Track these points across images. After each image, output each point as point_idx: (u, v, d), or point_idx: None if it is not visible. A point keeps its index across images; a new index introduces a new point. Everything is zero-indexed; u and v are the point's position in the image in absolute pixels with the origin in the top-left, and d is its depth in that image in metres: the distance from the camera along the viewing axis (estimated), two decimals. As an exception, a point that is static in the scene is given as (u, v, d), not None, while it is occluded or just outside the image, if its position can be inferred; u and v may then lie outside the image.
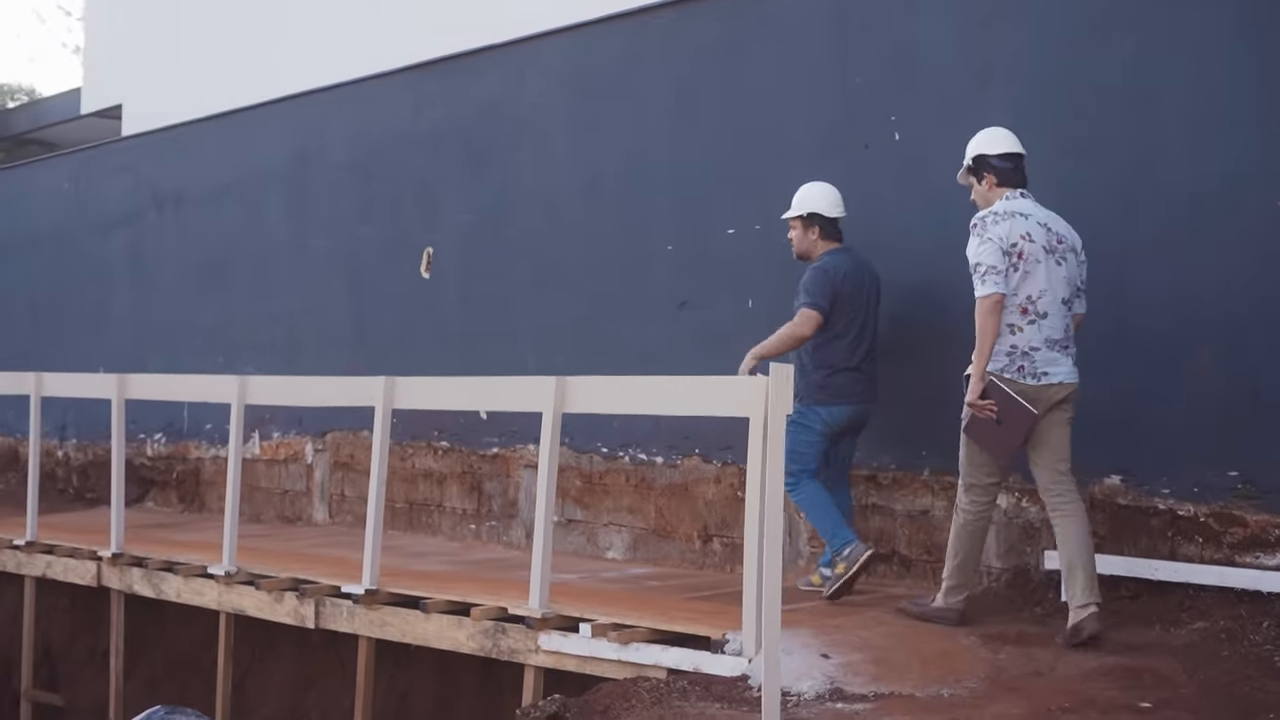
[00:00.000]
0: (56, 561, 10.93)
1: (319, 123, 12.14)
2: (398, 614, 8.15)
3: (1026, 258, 6.60)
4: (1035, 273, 6.60)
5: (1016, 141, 6.90)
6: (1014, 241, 6.59)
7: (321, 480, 11.92)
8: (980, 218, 6.73)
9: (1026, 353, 6.62)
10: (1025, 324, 6.62)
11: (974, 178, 6.95)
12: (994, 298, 6.55)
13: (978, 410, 6.63)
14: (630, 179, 9.48)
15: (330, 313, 11.84)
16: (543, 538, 7.28)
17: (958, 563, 6.89)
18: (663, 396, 7.01)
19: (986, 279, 6.57)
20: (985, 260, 6.59)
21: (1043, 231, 6.68)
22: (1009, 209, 6.70)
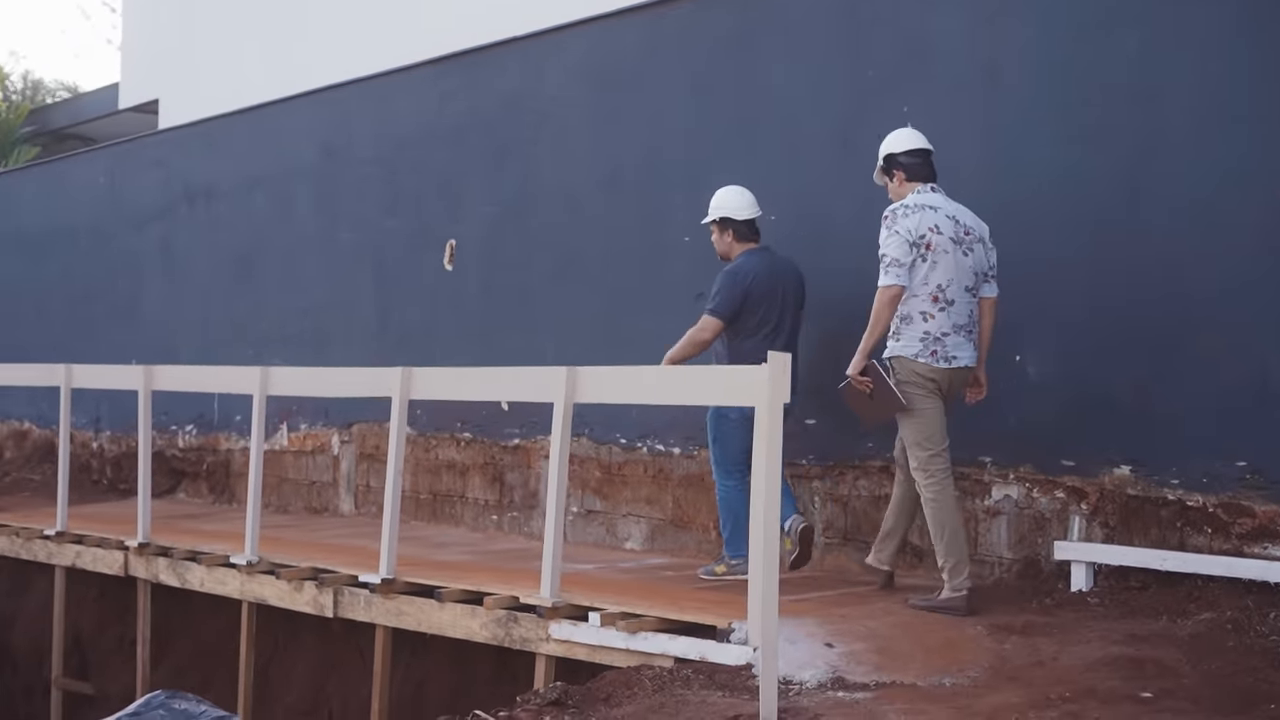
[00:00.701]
0: (85, 551, 11.05)
1: (345, 116, 12.22)
2: (413, 603, 8.21)
3: (935, 249, 6.98)
4: (943, 263, 6.99)
5: (923, 139, 7.29)
6: (922, 234, 6.97)
7: (347, 471, 12.00)
8: (891, 210, 7.08)
9: (939, 338, 7.03)
10: (936, 311, 7.02)
11: (886, 177, 7.37)
12: (894, 290, 6.96)
13: (855, 383, 7.16)
14: (648, 172, 9.52)
15: (356, 305, 11.92)
16: (554, 527, 7.31)
17: (946, 539, 7.03)
18: (672, 387, 7.03)
19: (889, 270, 6.96)
20: (891, 253, 6.97)
21: (950, 223, 7.06)
22: (919, 202, 7.08)
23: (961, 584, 6.98)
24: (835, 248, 8.39)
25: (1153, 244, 7.10)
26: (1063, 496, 7.35)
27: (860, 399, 7.21)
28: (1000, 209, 7.62)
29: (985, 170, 7.78)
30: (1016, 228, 7.58)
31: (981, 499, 7.69)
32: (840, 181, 8.41)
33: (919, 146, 7.28)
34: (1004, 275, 7.46)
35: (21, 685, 12.37)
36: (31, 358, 15.07)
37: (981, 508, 7.69)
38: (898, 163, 7.30)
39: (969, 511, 7.73)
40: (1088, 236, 7.34)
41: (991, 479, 7.64)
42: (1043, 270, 7.48)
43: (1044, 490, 7.40)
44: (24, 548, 11.80)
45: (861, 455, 8.19)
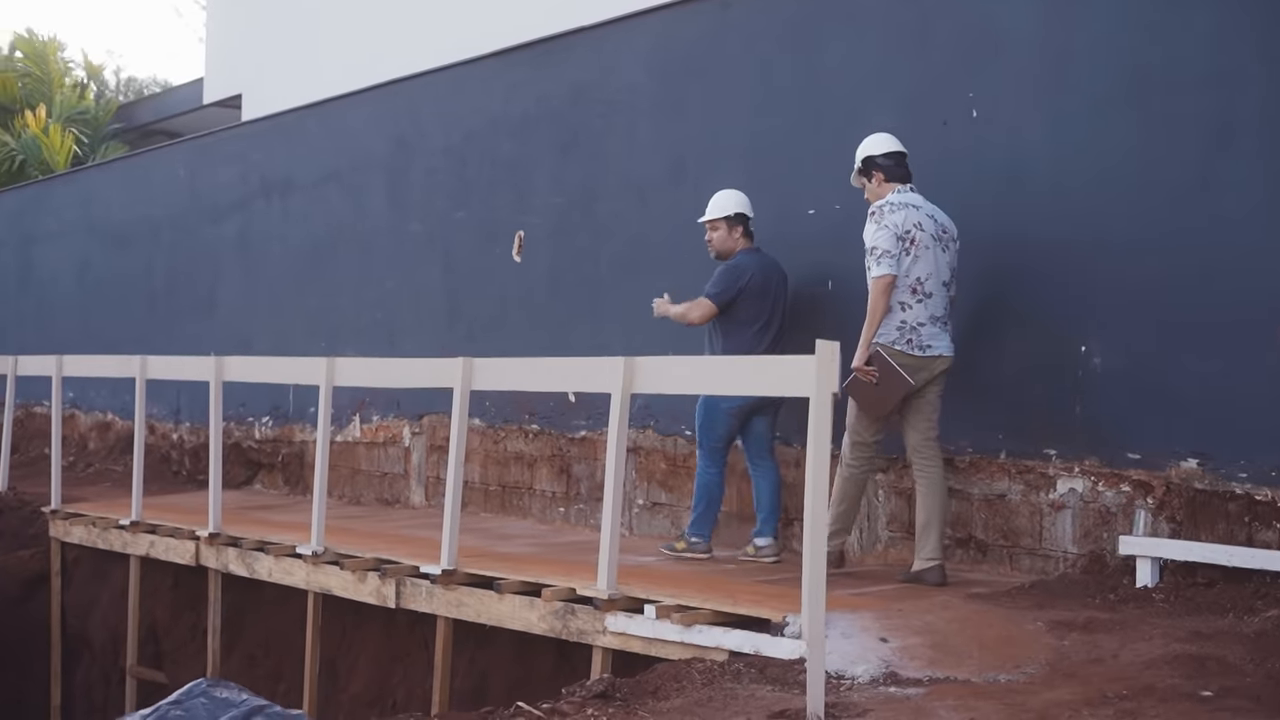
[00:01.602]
0: (159, 541, 11.15)
1: (415, 109, 12.24)
2: (474, 594, 8.20)
3: (918, 244, 7.42)
4: (924, 258, 7.43)
5: (898, 142, 7.70)
6: (908, 229, 7.40)
7: (418, 463, 12.02)
8: (878, 206, 7.51)
9: (915, 328, 7.44)
10: (914, 302, 7.44)
11: (865, 178, 7.78)
12: (887, 279, 7.38)
13: (860, 374, 7.46)
14: (713, 161, 9.43)
15: (426, 297, 11.93)
16: (610, 519, 7.25)
17: (841, 510, 7.71)
18: (728, 377, 6.95)
19: (882, 261, 7.38)
20: (881, 245, 7.40)
21: (931, 222, 7.50)
22: (902, 200, 7.50)
23: (836, 546, 7.72)
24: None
25: (1224, 232, 6.92)
26: (1128, 490, 7.19)
27: (866, 390, 7.48)
28: (1067, 197, 7.50)
29: (1052, 157, 7.62)
30: (1084, 216, 7.44)
31: (1046, 492, 7.54)
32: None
33: (896, 149, 7.68)
34: (1071, 263, 7.47)
35: (99, 673, 12.50)
36: (115, 349, 15.21)
37: (1046, 501, 7.55)
38: (877, 164, 7.69)
39: (1034, 506, 7.59)
40: (1157, 225, 7.17)
41: (1056, 472, 7.49)
42: (1110, 259, 7.32)
43: (1109, 484, 7.25)
44: (100, 537, 11.94)
45: (924, 448, 8.06)
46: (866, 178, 7.76)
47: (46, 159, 22.85)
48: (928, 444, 7.60)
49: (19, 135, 23.57)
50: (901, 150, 7.68)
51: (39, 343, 17.40)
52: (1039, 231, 7.63)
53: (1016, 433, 7.64)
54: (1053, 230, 7.57)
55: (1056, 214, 7.54)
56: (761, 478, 8.69)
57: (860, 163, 7.78)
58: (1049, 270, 7.57)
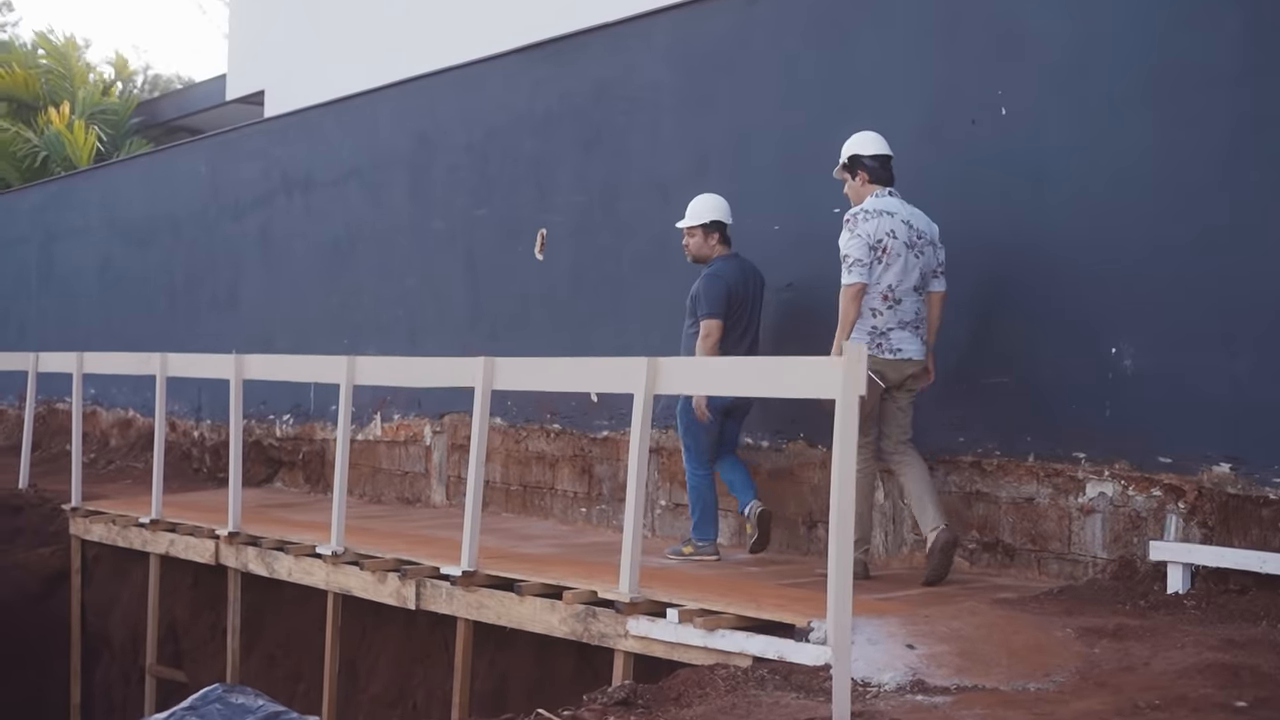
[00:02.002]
0: (179, 540, 11.10)
1: (437, 106, 12.17)
2: (494, 596, 8.12)
3: (889, 252, 7.53)
4: (895, 265, 7.53)
5: (886, 144, 7.78)
6: (879, 238, 7.51)
7: (439, 462, 11.95)
8: (852, 214, 7.63)
9: (884, 333, 7.57)
10: (885, 309, 7.56)
11: (849, 174, 7.86)
12: (857, 286, 7.50)
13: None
14: (738, 158, 9.33)
15: (448, 295, 11.86)
16: (633, 521, 7.16)
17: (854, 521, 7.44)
18: (750, 378, 6.85)
19: (853, 269, 7.51)
20: (854, 253, 7.53)
21: (905, 228, 7.58)
22: (878, 207, 7.60)
23: (861, 555, 7.60)
24: (927, 236, 8.17)
25: (1253, 231, 6.79)
26: (1159, 494, 7.08)
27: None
28: (1093, 196, 7.39)
29: (1080, 155, 7.50)
30: (1110, 215, 7.33)
31: (1075, 496, 7.43)
32: (931, 167, 8.16)
33: (883, 152, 7.76)
34: (1098, 263, 7.34)
35: (119, 672, 12.47)
36: (137, 346, 15.21)
37: (1075, 505, 7.43)
38: (862, 164, 7.77)
39: (1063, 509, 7.48)
40: (1185, 224, 7.05)
41: (1085, 475, 7.37)
42: (1138, 259, 7.21)
43: (1140, 488, 7.13)
44: (120, 535, 11.89)
45: (952, 449, 7.95)
46: (850, 175, 7.86)
47: (70, 155, 22.84)
48: (903, 445, 7.74)
49: (42, 132, 23.55)
50: (888, 154, 7.78)
51: (60, 339, 17.41)
52: (1067, 230, 7.51)
53: (1045, 435, 7.52)
54: (1081, 229, 7.45)
55: (1085, 212, 7.42)
56: (736, 465, 8.84)
57: (846, 159, 7.85)
58: (1078, 269, 7.45)
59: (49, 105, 23.89)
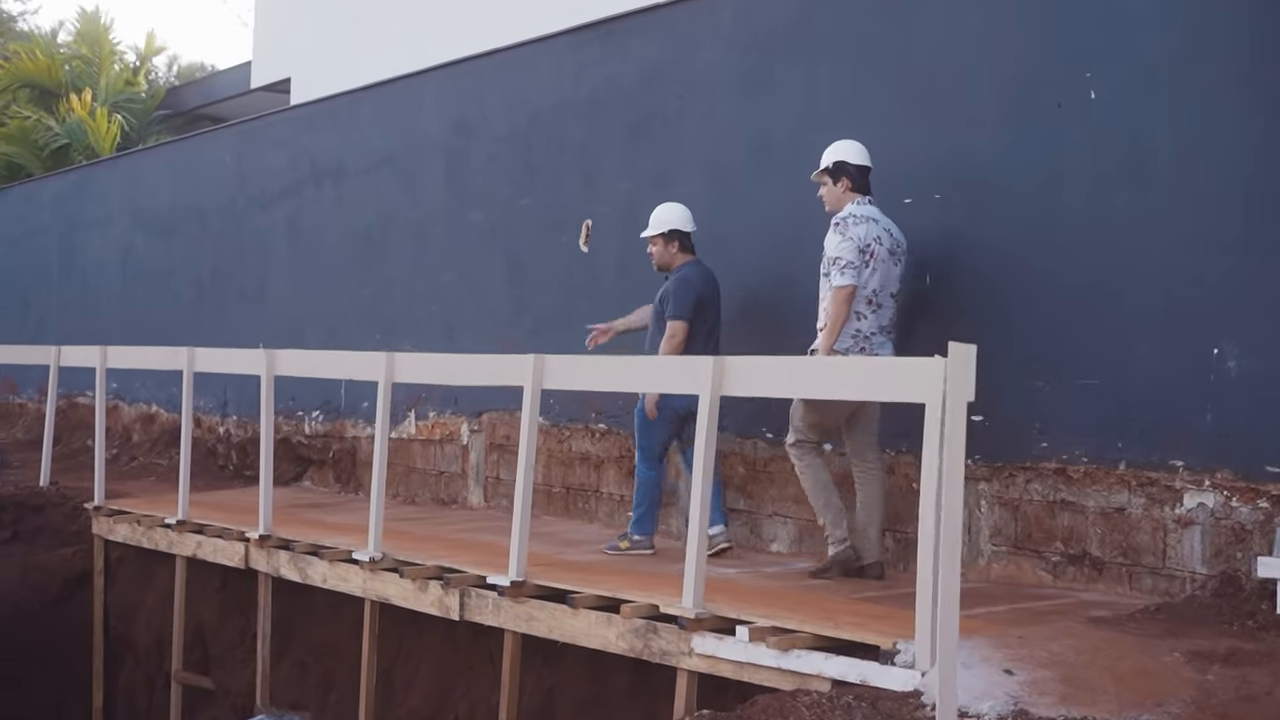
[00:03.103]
0: (206, 542, 10.68)
1: (477, 91, 11.69)
2: (545, 608, 7.66)
3: (875, 257, 7.62)
4: (880, 270, 7.63)
5: (868, 156, 7.87)
6: (868, 243, 7.60)
7: (477, 462, 11.49)
8: (842, 218, 7.69)
9: (868, 337, 7.62)
10: (870, 313, 7.64)
11: (830, 179, 7.90)
12: (850, 289, 7.53)
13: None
14: (802, 144, 8.81)
15: (487, 288, 11.39)
16: (697, 532, 6.71)
17: (831, 516, 7.81)
18: (828, 379, 6.38)
19: (845, 272, 7.53)
20: (845, 255, 7.55)
21: (887, 236, 7.70)
22: (864, 213, 7.69)
23: (846, 549, 7.77)
24: (1006, 222, 7.68)
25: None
26: (1266, 506, 6.57)
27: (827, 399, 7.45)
28: (1192, 186, 6.90)
29: (1175, 144, 7.00)
30: (1210, 207, 6.83)
31: (1171, 506, 6.93)
32: (1012, 151, 7.67)
33: (867, 164, 7.86)
34: (1198, 258, 6.91)
35: (143, 677, 12.03)
36: (160, 339, 14.81)
37: (1171, 516, 6.93)
38: (848, 171, 7.84)
39: (1157, 521, 6.98)
40: (1297, 216, 6.56)
41: (1184, 485, 6.87)
42: (1243, 253, 6.71)
43: (1245, 498, 6.63)
44: (145, 536, 11.47)
45: (1035, 455, 7.45)
46: (833, 180, 7.89)
47: (92, 144, 22.42)
48: (870, 448, 7.84)
49: (63, 119, 23.13)
50: (870, 165, 7.87)
51: (81, 331, 17.00)
52: (1164, 223, 7.02)
53: (1139, 441, 7.02)
54: (1179, 220, 6.96)
55: (1183, 203, 6.92)
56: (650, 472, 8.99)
57: (831, 164, 7.89)
58: (1176, 264, 6.96)
59: (70, 92, 23.46)
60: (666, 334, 8.67)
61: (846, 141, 7.91)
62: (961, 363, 4.91)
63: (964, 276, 7.82)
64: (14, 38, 34.37)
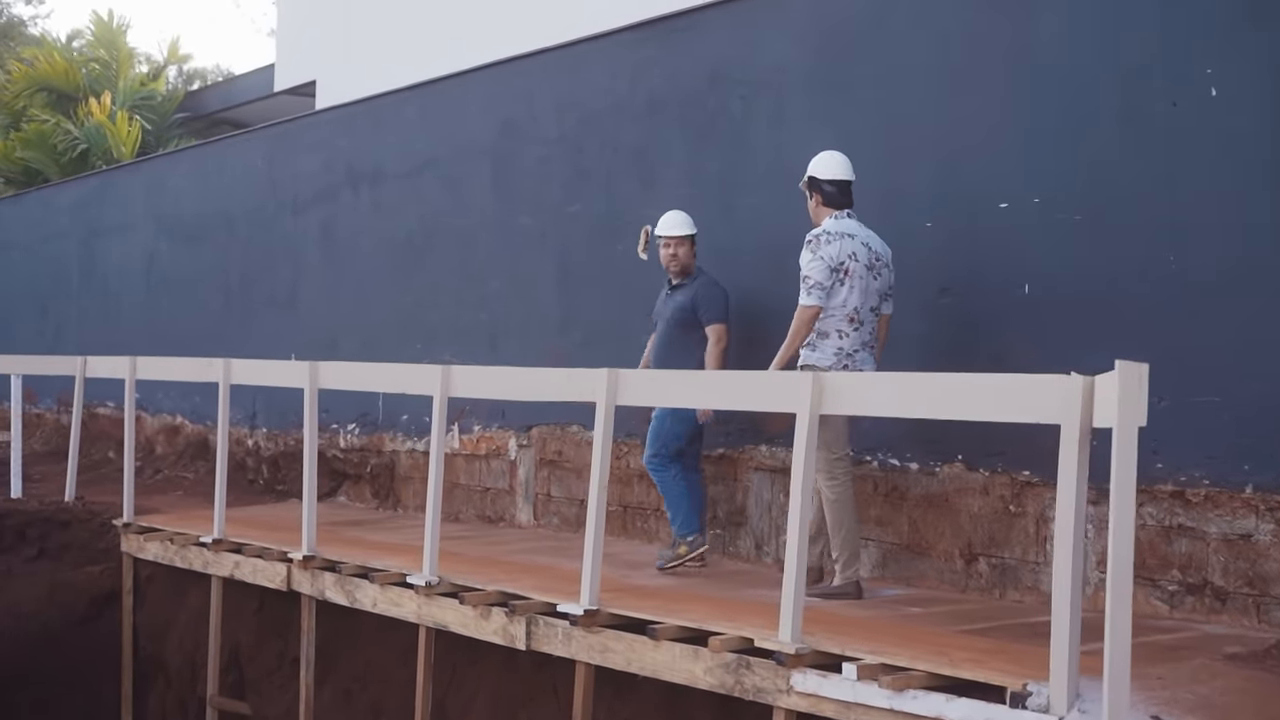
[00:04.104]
0: (245, 562, 10.21)
1: (526, 91, 11.22)
2: (621, 639, 7.17)
3: (851, 274, 7.57)
4: (857, 287, 7.59)
5: (849, 169, 7.75)
6: (842, 261, 7.55)
7: (526, 478, 11.01)
8: (815, 235, 7.62)
9: (850, 354, 7.60)
10: (851, 330, 7.61)
11: (806, 193, 7.88)
12: (814, 310, 7.55)
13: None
14: (883, 147, 8.36)
15: (536, 297, 10.92)
16: (796, 560, 6.24)
17: (843, 536, 7.65)
18: (968, 400, 5.85)
19: (812, 292, 7.53)
20: (814, 275, 7.53)
21: (865, 250, 7.63)
22: (840, 230, 7.63)
23: (854, 574, 7.65)
24: (1117, 227, 7.19)
25: None
26: None
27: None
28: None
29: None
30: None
31: (1305, 533, 6.46)
32: (1127, 152, 7.18)
33: (843, 178, 7.75)
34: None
35: (175, 700, 11.56)
36: (185, 348, 14.37)
37: (1305, 543, 6.46)
38: (819, 187, 7.78)
39: (1290, 547, 6.51)
40: None
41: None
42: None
43: (1389, 526, 6.16)
44: (178, 555, 11.01)
45: (1149, 477, 6.94)
46: (808, 194, 7.87)
47: (111, 148, 21.96)
48: (839, 461, 7.72)
49: (82, 123, 22.68)
50: (848, 179, 7.76)
51: (102, 340, 16.56)
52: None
53: (1267, 463, 6.54)
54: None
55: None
56: (694, 485, 8.87)
57: (806, 178, 7.86)
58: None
59: (89, 96, 23.01)
60: (714, 338, 8.71)
61: (824, 154, 7.83)
62: (1133, 384, 4.43)
63: (1069, 284, 7.34)
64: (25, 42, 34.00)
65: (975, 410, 5.78)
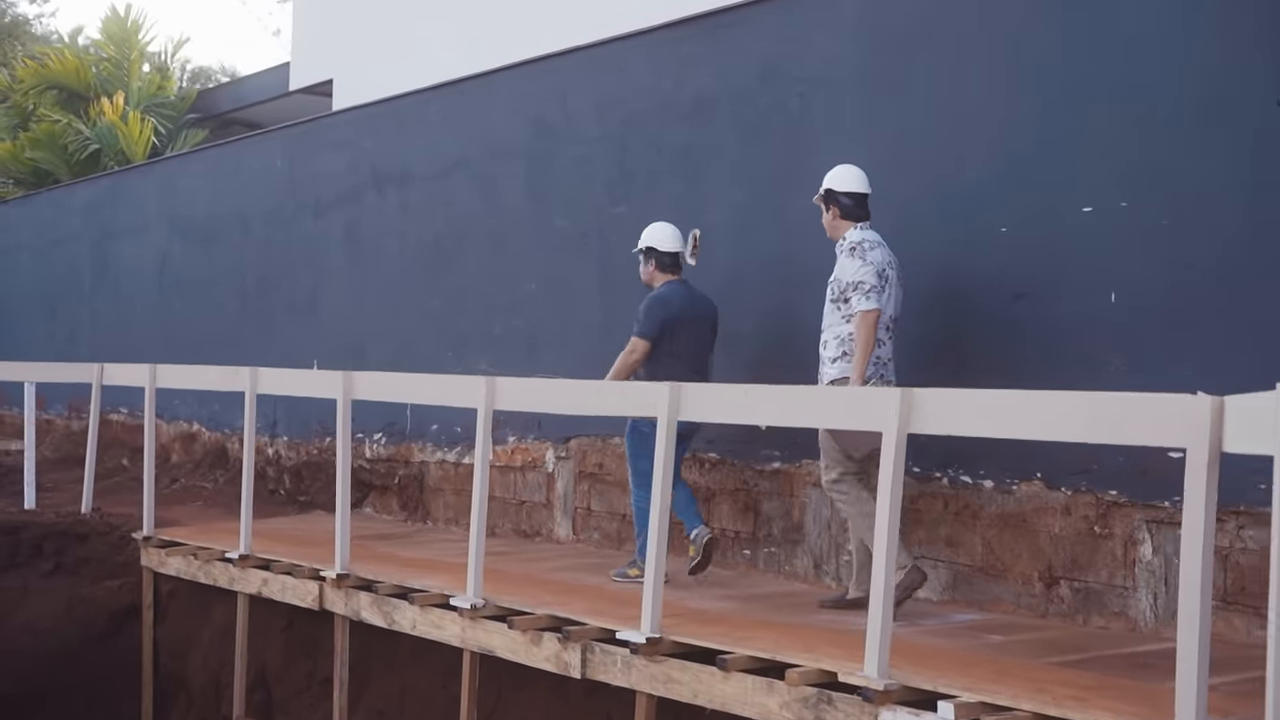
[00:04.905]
0: (273, 579, 9.82)
1: (563, 90, 10.81)
2: (687, 669, 6.77)
3: (890, 282, 7.55)
4: (894, 296, 7.59)
5: (865, 182, 7.70)
6: (884, 268, 7.50)
7: (564, 492, 10.60)
8: (858, 243, 7.55)
9: (885, 363, 7.58)
10: (887, 339, 7.59)
11: (823, 206, 7.82)
12: (876, 312, 7.42)
13: None
14: (945, 148, 7.96)
15: (576, 302, 10.51)
16: (883, 588, 5.84)
17: (855, 546, 7.68)
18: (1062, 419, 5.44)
19: (870, 296, 7.41)
20: (868, 280, 7.43)
21: (895, 262, 7.62)
22: (874, 239, 7.58)
23: (857, 592, 7.52)
24: (1204, 231, 6.79)
25: None
26: None
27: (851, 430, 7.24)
28: None
29: None
30: None
31: None
32: (1218, 156, 6.77)
33: (861, 190, 7.69)
34: None
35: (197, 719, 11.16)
36: (200, 352, 14.01)
37: None
38: (836, 199, 7.74)
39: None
40: None
41: None
42: None
43: None
44: (202, 570, 10.61)
45: (1249, 498, 6.53)
46: (825, 207, 7.81)
47: (124, 148, 21.54)
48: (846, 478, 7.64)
49: (93, 123, 22.26)
50: (866, 191, 7.70)
51: (115, 344, 16.22)
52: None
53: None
54: None
55: None
56: (680, 489, 8.64)
57: (823, 191, 7.80)
58: None
59: (100, 95, 22.58)
60: (626, 349, 8.70)
61: (841, 167, 7.78)
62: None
63: (1156, 291, 6.94)
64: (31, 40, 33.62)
65: (1089, 432, 5.37)
